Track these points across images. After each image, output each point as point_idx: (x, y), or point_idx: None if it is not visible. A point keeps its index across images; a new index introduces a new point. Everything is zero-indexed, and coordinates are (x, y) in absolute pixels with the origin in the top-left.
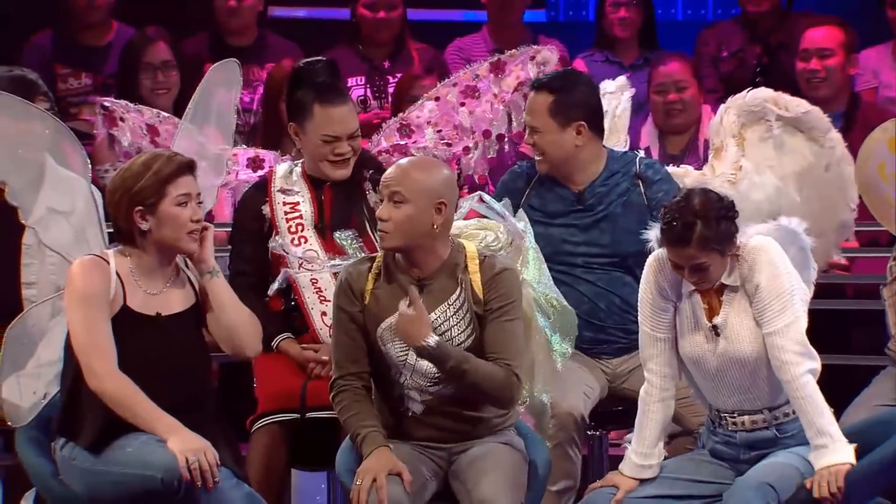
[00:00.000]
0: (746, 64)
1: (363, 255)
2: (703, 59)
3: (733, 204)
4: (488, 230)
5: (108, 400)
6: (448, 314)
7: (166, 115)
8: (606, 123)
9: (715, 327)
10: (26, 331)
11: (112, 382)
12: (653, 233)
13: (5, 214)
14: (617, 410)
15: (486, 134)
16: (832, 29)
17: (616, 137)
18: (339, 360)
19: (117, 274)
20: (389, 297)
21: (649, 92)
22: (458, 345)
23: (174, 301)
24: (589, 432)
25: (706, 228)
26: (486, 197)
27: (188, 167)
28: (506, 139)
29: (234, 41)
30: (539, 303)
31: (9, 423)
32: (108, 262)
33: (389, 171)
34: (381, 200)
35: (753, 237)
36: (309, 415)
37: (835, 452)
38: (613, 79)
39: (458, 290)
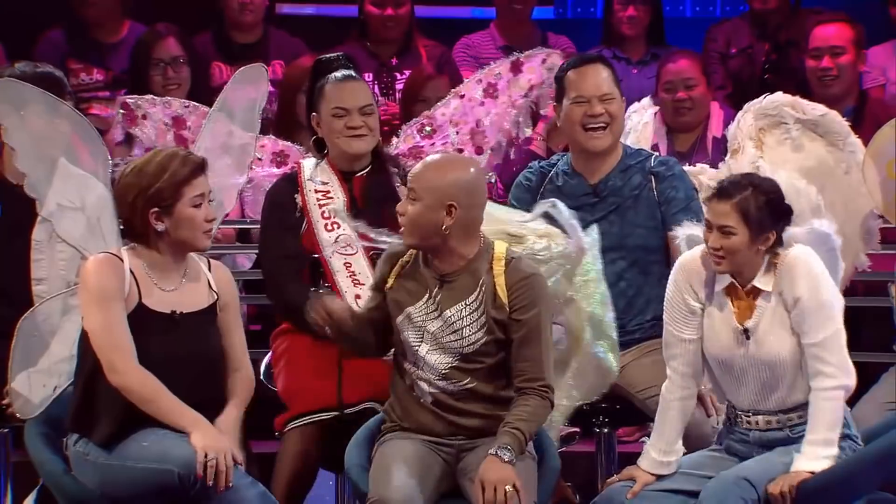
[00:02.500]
0: (755, 61)
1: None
2: (712, 55)
3: (790, 208)
4: (546, 237)
5: (131, 395)
6: (463, 313)
7: (196, 104)
8: (632, 138)
9: (746, 330)
10: (37, 325)
11: (135, 378)
12: (681, 230)
13: (18, 210)
14: (625, 409)
15: (506, 132)
16: (842, 26)
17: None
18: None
19: (131, 272)
20: (411, 287)
21: (658, 89)
22: (470, 345)
23: (190, 299)
24: (597, 430)
25: (753, 196)
26: (560, 204)
27: (202, 167)
28: (514, 145)
29: (239, 38)
30: (593, 323)
31: (18, 416)
32: (121, 260)
33: (415, 165)
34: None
35: (793, 246)
36: (347, 411)
37: (813, 460)
38: (621, 74)
39: (478, 290)
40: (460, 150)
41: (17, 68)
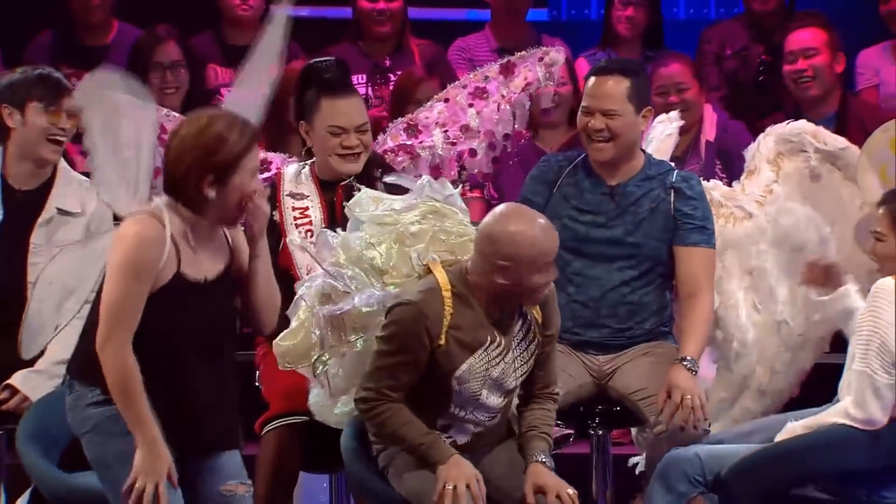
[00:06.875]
0: (749, 63)
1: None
2: (706, 57)
3: None
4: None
5: (108, 377)
6: (522, 349)
7: (175, 114)
8: (652, 147)
9: None
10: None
11: (120, 365)
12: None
13: (19, 214)
14: (620, 411)
15: (489, 134)
16: (815, 30)
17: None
18: (381, 386)
19: (172, 239)
20: (465, 339)
21: (650, 93)
22: (522, 375)
23: (215, 262)
24: (591, 432)
25: None
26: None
27: (258, 137)
28: (509, 138)
29: (236, 40)
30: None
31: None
32: (163, 226)
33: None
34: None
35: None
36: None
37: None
38: None
39: (522, 320)
40: (452, 145)
41: (18, 73)
